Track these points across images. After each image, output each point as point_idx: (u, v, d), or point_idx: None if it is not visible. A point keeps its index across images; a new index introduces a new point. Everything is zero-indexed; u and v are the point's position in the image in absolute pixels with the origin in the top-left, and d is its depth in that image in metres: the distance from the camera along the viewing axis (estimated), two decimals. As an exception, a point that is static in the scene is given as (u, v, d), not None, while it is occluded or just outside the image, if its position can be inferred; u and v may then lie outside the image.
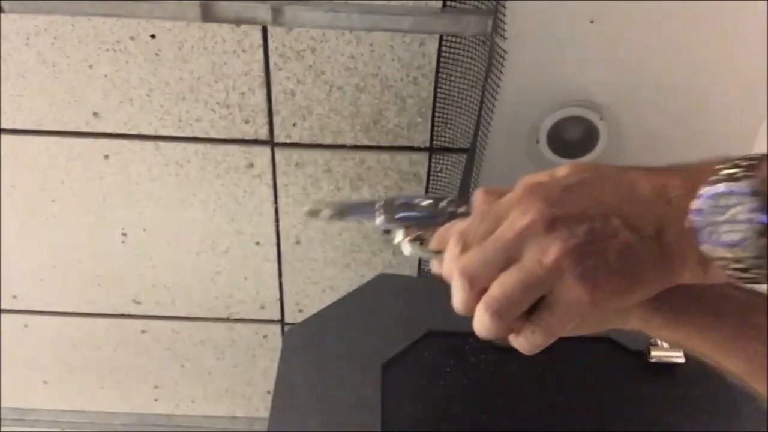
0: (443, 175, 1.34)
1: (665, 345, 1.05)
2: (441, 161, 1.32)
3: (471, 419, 1.00)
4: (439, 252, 0.54)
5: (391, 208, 0.58)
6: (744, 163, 0.41)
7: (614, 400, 1.03)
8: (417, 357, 1.09)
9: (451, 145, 1.30)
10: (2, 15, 1.16)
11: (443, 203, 0.58)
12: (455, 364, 1.07)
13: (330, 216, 0.60)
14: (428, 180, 1.36)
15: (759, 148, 1.21)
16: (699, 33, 1.10)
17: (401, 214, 0.58)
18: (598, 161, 1.23)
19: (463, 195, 1.29)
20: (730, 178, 0.41)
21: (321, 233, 1.44)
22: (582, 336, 0.51)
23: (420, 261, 1.46)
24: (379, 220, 0.58)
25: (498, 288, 0.45)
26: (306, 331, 1.16)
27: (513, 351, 0.49)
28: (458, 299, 0.47)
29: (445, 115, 1.26)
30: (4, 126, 1.31)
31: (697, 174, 0.43)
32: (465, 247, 0.48)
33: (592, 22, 1.09)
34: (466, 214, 0.56)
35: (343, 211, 0.61)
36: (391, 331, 1.13)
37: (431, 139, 1.30)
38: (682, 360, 1.05)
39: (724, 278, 0.43)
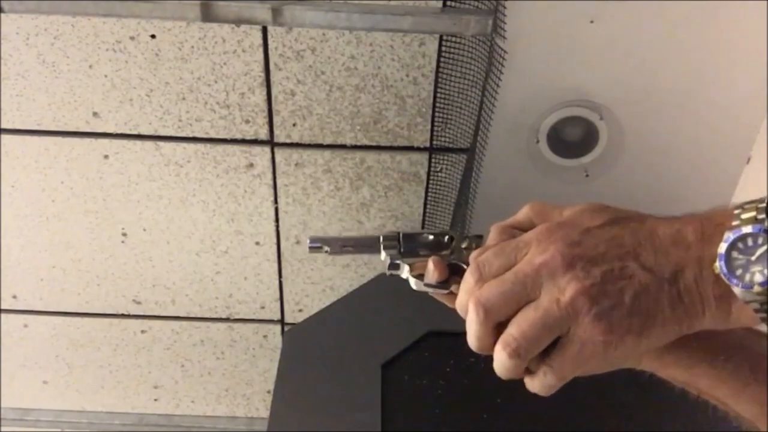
0: (443, 174, 1.34)
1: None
2: (441, 161, 1.32)
3: (471, 419, 0.99)
4: (444, 283, 0.56)
5: (394, 243, 0.60)
6: (762, 205, 0.42)
7: (614, 399, 1.03)
8: (417, 357, 1.09)
9: (451, 145, 1.30)
10: (2, 15, 1.16)
11: (445, 238, 0.59)
12: (455, 364, 1.07)
13: (331, 252, 0.61)
14: (428, 180, 1.36)
15: (759, 148, 1.21)
16: (699, 33, 1.10)
17: (407, 249, 0.60)
18: (598, 161, 1.23)
19: (463, 196, 1.29)
20: (755, 221, 0.42)
21: (321, 233, 1.44)
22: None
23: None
24: (384, 255, 0.60)
25: (516, 327, 0.46)
26: (306, 331, 1.16)
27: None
28: (473, 332, 0.48)
29: (445, 115, 1.26)
30: (4, 126, 1.31)
31: (712, 220, 0.44)
32: (481, 280, 0.48)
33: (592, 22, 1.09)
34: (469, 249, 0.57)
35: (344, 246, 0.62)
36: (391, 331, 1.13)
37: (431, 139, 1.30)
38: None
39: (749, 321, 0.43)
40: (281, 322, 1.62)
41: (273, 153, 1.33)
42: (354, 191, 1.38)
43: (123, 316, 1.61)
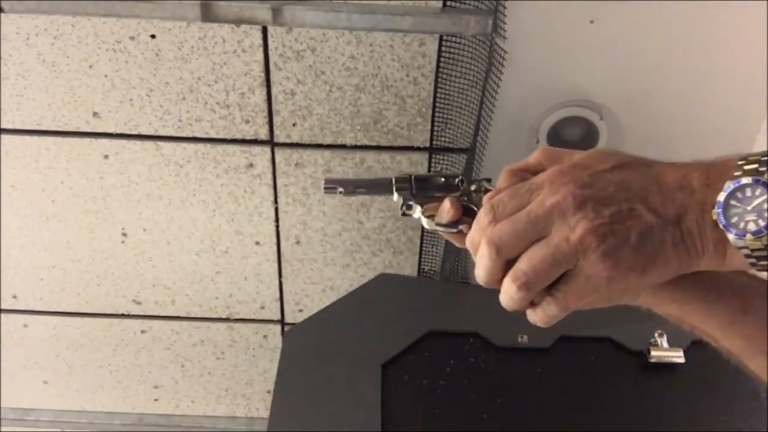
0: (443, 175, 1.34)
1: (665, 345, 1.05)
2: (441, 161, 1.32)
3: (471, 419, 1.00)
4: (454, 224, 0.59)
5: (407, 185, 0.62)
6: (765, 158, 0.44)
7: (614, 399, 1.03)
8: (417, 357, 1.09)
9: (451, 145, 1.30)
10: (2, 15, 1.16)
11: (456, 180, 0.61)
12: (455, 364, 1.07)
13: (345, 193, 0.63)
14: (428, 180, 1.35)
15: (759, 148, 1.21)
16: (699, 33, 1.10)
17: (418, 191, 0.61)
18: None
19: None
20: (756, 172, 0.44)
21: (321, 233, 1.44)
22: (582, 336, 0.52)
23: (420, 262, 1.46)
24: (396, 196, 0.62)
25: (526, 262, 0.48)
26: (306, 331, 1.16)
27: (513, 351, 0.49)
28: (483, 267, 0.50)
29: (445, 115, 1.26)
30: (4, 126, 1.31)
31: (717, 169, 0.46)
32: (494, 219, 0.50)
33: (592, 22, 1.09)
34: (478, 192, 0.59)
35: (358, 187, 0.63)
36: (391, 331, 1.13)
37: (431, 139, 1.30)
38: (681, 360, 1.05)
39: (741, 266, 0.45)
40: (281, 322, 1.62)
41: (273, 153, 1.33)
42: (354, 191, 1.38)
43: (123, 316, 1.61)
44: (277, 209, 1.41)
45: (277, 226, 1.44)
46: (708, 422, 0.99)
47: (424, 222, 0.61)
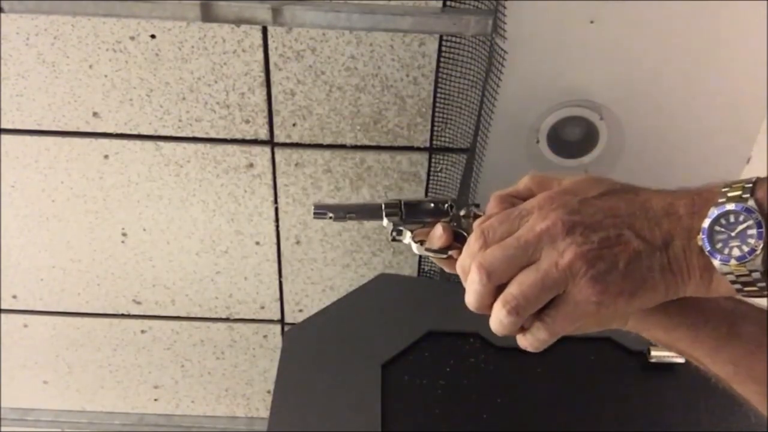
0: (443, 174, 1.34)
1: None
2: (441, 161, 1.32)
3: (471, 419, 0.99)
4: (444, 250, 0.59)
5: (396, 210, 0.62)
6: (748, 186, 0.45)
7: (614, 400, 1.03)
8: (417, 357, 1.09)
9: (451, 145, 1.30)
10: (2, 15, 1.16)
11: (445, 206, 0.61)
12: (455, 364, 1.07)
13: (335, 218, 0.63)
14: (428, 180, 1.36)
15: (759, 148, 1.21)
16: (699, 33, 1.10)
17: (408, 216, 0.62)
18: (598, 161, 1.23)
19: (463, 196, 1.29)
20: (739, 199, 0.44)
21: (321, 233, 1.44)
22: (582, 336, 0.52)
23: (420, 262, 1.46)
24: (386, 222, 0.62)
25: (516, 286, 0.49)
26: (306, 331, 1.16)
27: (513, 351, 0.49)
28: (473, 292, 0.51)
29: (445, 115, 1.26)
30: (4, 126, 1.31)
31: (702, 195, 0.47)
32: (485, 245, 0.51)
33: (592, 22, 1.09)
34: (467, 216, 0.60)
35: (348, 213, 0.63)
36: (391, 331, 1.13)
37: (431, 139, 1.30)
38: (681, 360, 1.05)
39: (727, 292, 0.46)
40: (281, 322, 1.62)
41: (273, 153, 1.33)
42: (354, 191, 1.38)
43: (123, 316, 1.61)
44: (277, 209, 1.41)
45: (277, 226, 1.44)
46: (708, 422, 0.99)
47: (414, 248, 0.61)
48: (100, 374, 1.75)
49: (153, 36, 1.19)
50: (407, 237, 0.62)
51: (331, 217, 0.63)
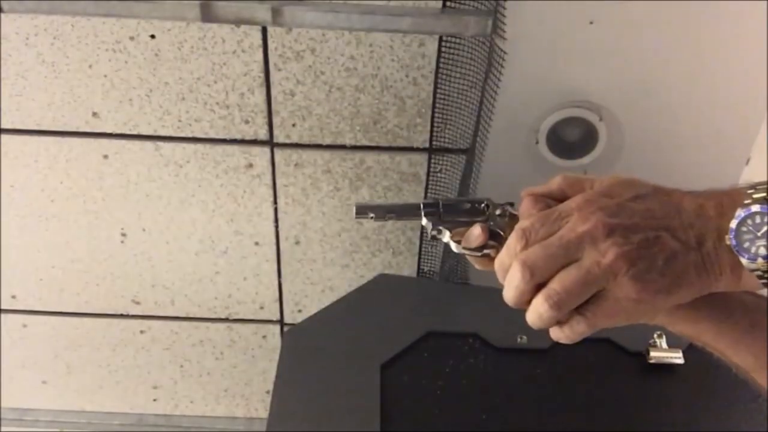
0: (442, 175, 1.34)
1: (664, 346, 1.05)
2: (440, 162, 1.32)
3: (470, 419, 0.99)
4: (481, 248, 0.62)
5: (435, 209, 0.65)
6: None
7: (614, 400, 1.03)
8: (416, 357, 1.09)
9: (450, 146, 1.30)
10: (2, 15, 1.16)
11: (481, 205, 0.64)
12: (455, 364, 1.07)
13: (376, 218, 0.65)
14: (428, 180, 1.36)
15: (759, 149, 1.21)
16: (699, 33, 1.10)
17: (446, 216, 0.64)
18: (598, 162, 1.23)
19: (463, 196, 1.29)
20: (764, 200, 0.48)
21: (320, 234, 1.44)
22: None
23: (419, 263, 1.46)
24: (425, 221, 0.64)
25: (559, 283, 0.52)
26: (306, 331, 1.16)
27: (512, 352, 0.50)
28: (514, 288, 0.54)
29: (445, 116, 1.26)
30: (4, 126, 1.31)
31: (729, 197, 0.51)
32: (526, 244, 0.54)
33: (591, 22, 1.09)
34: (503, 216, 0.63)
35: (388, 213, 0.66)
36: (391, 331, 1.13)
37: (431, 140, 1.30)
38: (680, 361, 1.05)
39: (755, 287, 0.50)
40: (281, 322, 1.62)
41: (272, 153, 1.33)
42: (353, 192, 1.38)
43: (122, 316, 1.61)
44: (276, 209, 1.41)
45: (277, 227, 1.44)
46: (707, 423, 0.99)
47: (453, 246, 0.64)
48: (99, 374, 1.75)
49: (153, 36, 1.19)
50: (446, 236, 0.64)
51: (372, 217, 0.65)
